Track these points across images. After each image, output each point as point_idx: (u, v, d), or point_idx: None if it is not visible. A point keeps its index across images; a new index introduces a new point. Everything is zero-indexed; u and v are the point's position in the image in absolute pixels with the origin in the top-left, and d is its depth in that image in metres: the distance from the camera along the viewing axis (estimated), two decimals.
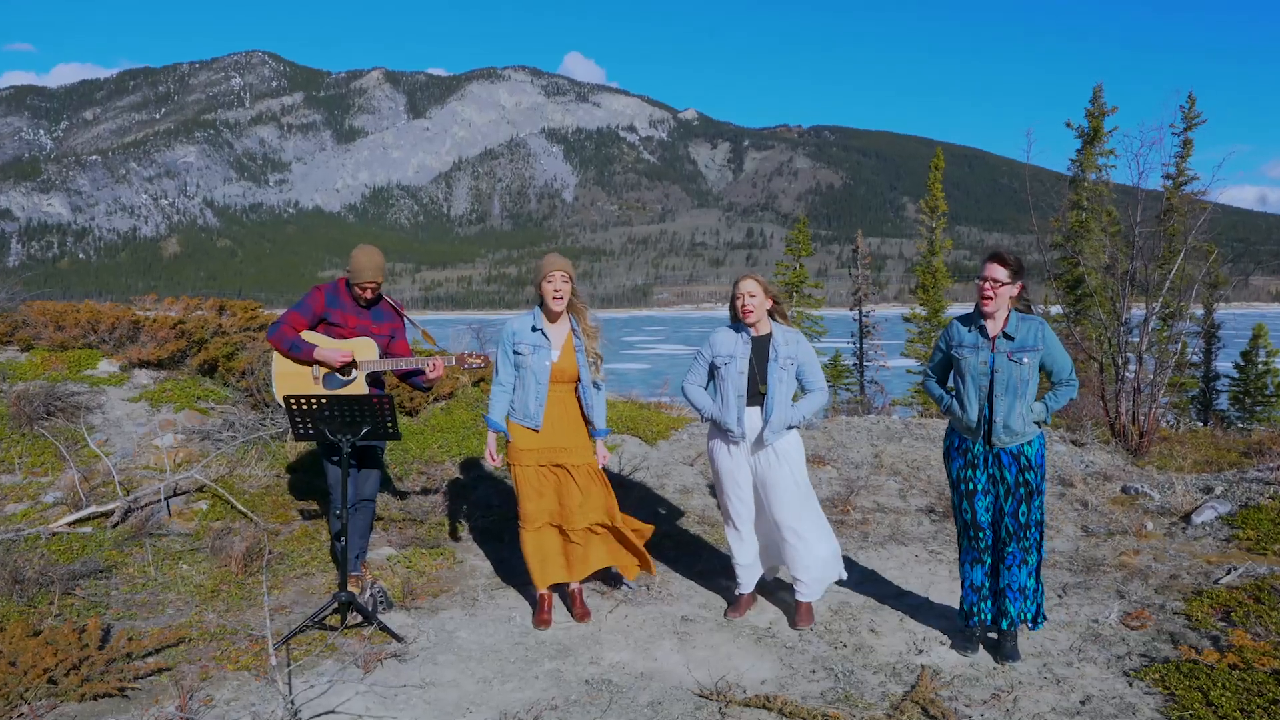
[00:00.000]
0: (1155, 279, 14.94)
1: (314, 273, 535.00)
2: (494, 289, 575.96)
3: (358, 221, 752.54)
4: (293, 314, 8.17)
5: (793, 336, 7.68)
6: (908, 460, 12.76)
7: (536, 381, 7.59)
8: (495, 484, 11.24)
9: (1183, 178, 36.50)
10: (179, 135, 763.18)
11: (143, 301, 15.56)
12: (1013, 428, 6.82)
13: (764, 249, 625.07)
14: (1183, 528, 10.18)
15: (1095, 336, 18.14)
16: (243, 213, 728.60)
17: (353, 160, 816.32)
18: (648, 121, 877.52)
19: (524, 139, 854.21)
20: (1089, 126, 37.35)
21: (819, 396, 7.75)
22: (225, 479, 10.35)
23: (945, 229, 45.29)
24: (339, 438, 7.13)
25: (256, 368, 12.24)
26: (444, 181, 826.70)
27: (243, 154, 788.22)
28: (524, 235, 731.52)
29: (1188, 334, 31.93)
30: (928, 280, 44.08)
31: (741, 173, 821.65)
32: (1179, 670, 6.54)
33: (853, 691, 6.48)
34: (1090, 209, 36.02)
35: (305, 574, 8.70)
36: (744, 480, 7.77)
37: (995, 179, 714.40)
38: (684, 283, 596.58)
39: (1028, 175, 17.25)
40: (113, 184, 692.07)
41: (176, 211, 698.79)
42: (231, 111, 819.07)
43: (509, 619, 7.84)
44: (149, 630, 7.17)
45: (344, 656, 6.92)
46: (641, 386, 23.54)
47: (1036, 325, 6.85)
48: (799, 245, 47.26)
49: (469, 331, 20.40)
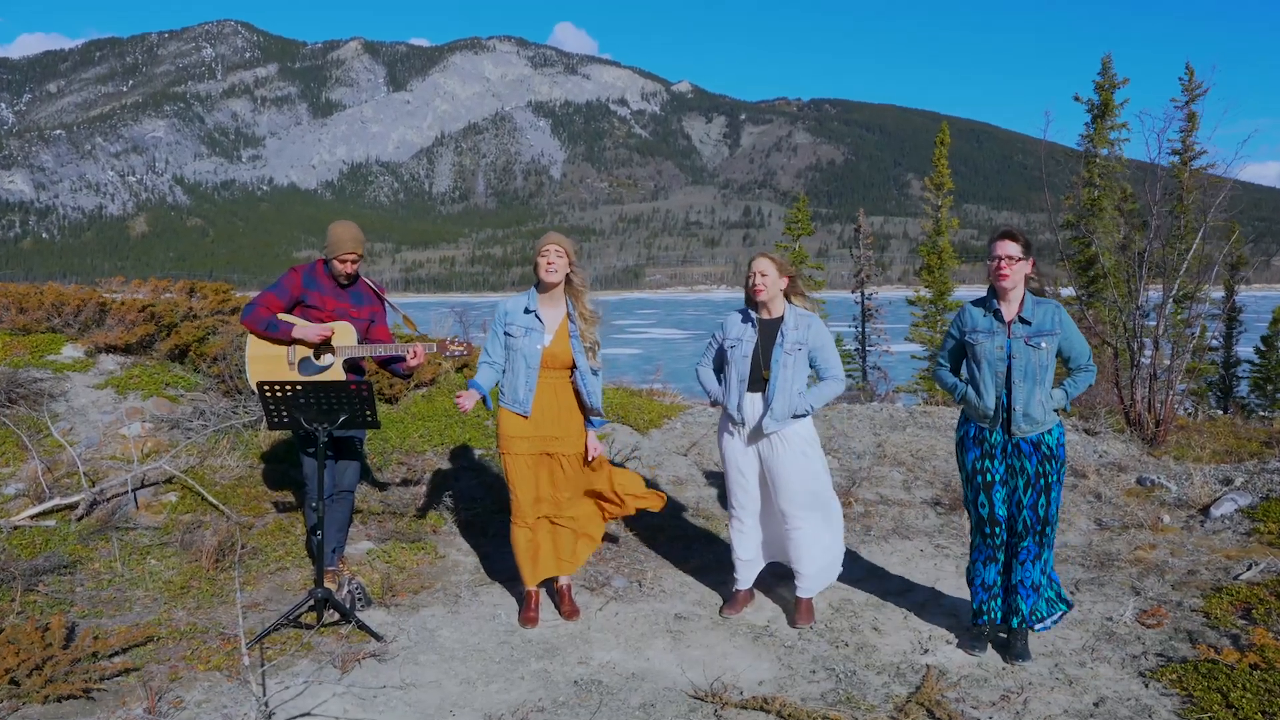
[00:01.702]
0: (1172, 259, 14.92)
1: (289, 253, 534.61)
2: (478, 270, 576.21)
3: (335, 199, 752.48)
4: (268, 295, 8.12)
5: (805, 320, 7.63)
6: (912, 450, 12.75)
7: (527, 366, 7.54)
8: (479, 475, 11.23)
9: (1190, 153, 36.46)
10: (147, 109, 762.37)
11: (109, 283, 15.54)
12: (1033, 415, 6.80)
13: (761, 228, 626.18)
14: (1201, 521, 10.17)
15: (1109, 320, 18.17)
16: (214, 190, 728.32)
17: (330, 135, 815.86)
18: (639, 94, 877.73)
19: (510, 113, 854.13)
20: (1099, 100, 37.33)
21: (833, 384, 7.68)
22: (196, 470, 10.31)
23: (952, 207, 45.30)
24: (315, 426, 7.10)
25: (229, 353, 12.20)
26: (425, 157, 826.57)
27: (214, 128, 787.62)
28: (509, 214, 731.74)
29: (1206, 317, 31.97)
30: (933, 261, 44.06)
31: (738, 148, 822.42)
32: (1197, 671, 6.52)
33: (855, 693, 6.47)
34: (1103, 186, 36.04)
35: (280, 569, 8.67)
36: (749, 469, 7.76)
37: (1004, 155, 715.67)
38: (677, 264, 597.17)
39: (1044, 152, 17.23)
40: (78, 160, 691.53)
41: (145, 189, 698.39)
42: (202, 84, 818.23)
43: (494, 617, 7.82)
44: (115, 629, 7.14)
45: (320, 656, 6.90)
46: (633, 373, 23.53)
47: (1053, 309, 6.82)
48: (798, 224, 47.24)
49: (452, 315, 20.38)
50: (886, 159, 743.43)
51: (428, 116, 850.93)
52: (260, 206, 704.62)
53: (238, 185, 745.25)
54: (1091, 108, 37.52)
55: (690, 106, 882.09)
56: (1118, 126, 37.08)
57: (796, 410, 7.50)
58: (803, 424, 7.63)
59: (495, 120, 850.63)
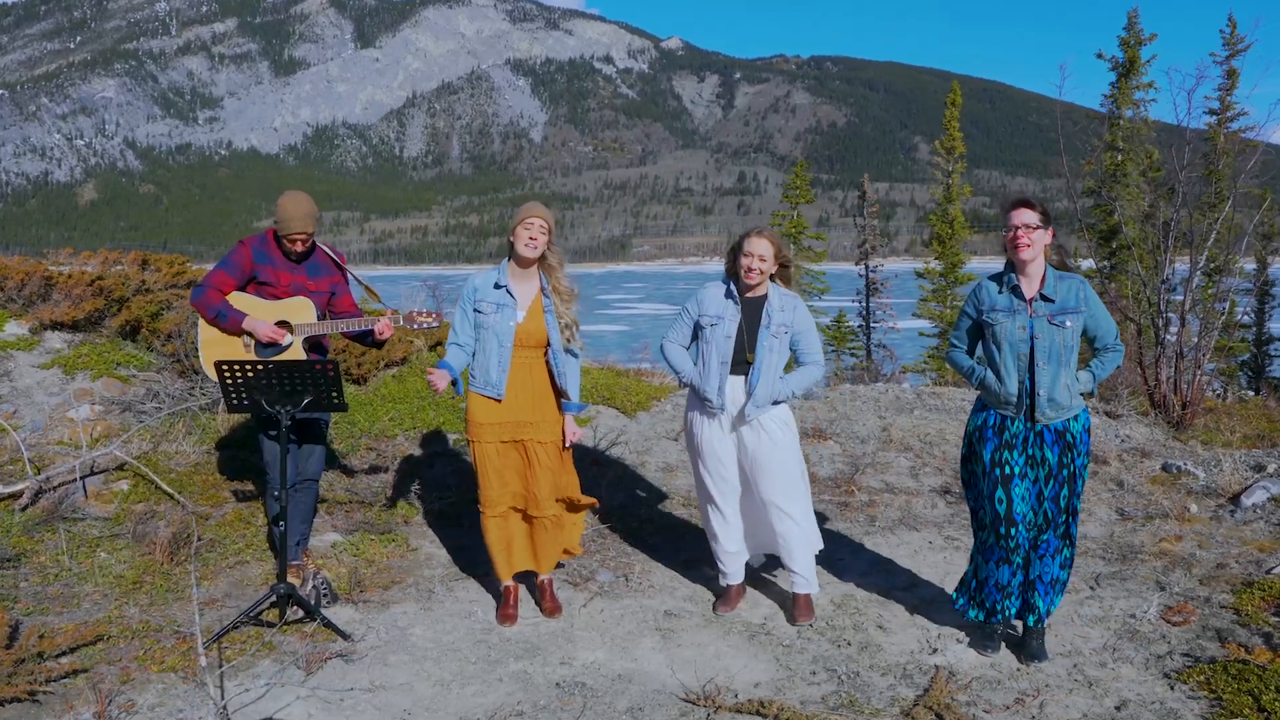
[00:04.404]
0: (1201, 229, 14.89)
1: (249, 222, 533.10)
2: (452, 240, 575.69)
3: (299, 164, 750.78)
4: (218, 273, 8.06)
5: (789, 302, 7.64)
6: (920, 434, 12.75)
7: (499, 345, 7.51)
8: (454, 461, 11.22)
9: (1229, 113, 36.43)
10: (96, 67, 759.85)
11: (56, 255, 15.48)
12: (1058, 400, 6.77)
13: (757, 195, 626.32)
14: (1231, 511, 10.16)
15: (1132, 294, 18.16)
16: (168, 155, 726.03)
17: (293, 95, 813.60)
18: (626, 51, 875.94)
19: (486, 71, 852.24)
20: (1124, 57, 37.28)
21: (813, 370, 7.78)
22: (149, 456, 10.30)
23: (963, 173, 45.23)
24: (277, 409, 7.08)
25: (184, 330, 12.19)
26: (396, 119, 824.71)
27: (168, 88, 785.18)
28: (486, 180, 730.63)
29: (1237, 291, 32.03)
30: (943, 230, 44.03)
31: (732, 109, 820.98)
32: (1226, 671, 6.53)
33: (858, 695, 6.47)
34: (1127, 150, 36.00)
35: (239, 563, 8.66)
36: (727, 455, 7.75)
37: (1019, 116, 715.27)
38: (667, 234, 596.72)
39: (1060, 113, 17.17)
40: (21, 122, 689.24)
41: (94, 153, 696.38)
42: (155, 40, 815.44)
43: (469, 614, 7.82)
44: (63, 627, 7.13)
45: (283, 656, 6.90)
46: (619, 351, 23.49)
47: (1077, 284, 6.78)
48: (797, 191, 47.26)
49: (424, 289, 20.32)
50: (892, 121, 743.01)
51: (398, 75, 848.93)
52: (218, 172, 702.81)
53: (194, 149, 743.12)
54: (1115, 65, 37.46)
55: (681, 64, 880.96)
56: (1144, 86, 37.04)
57: (778, 396, 7.53)
58: (782, 409, 7.68)
59: (471, 79, 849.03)
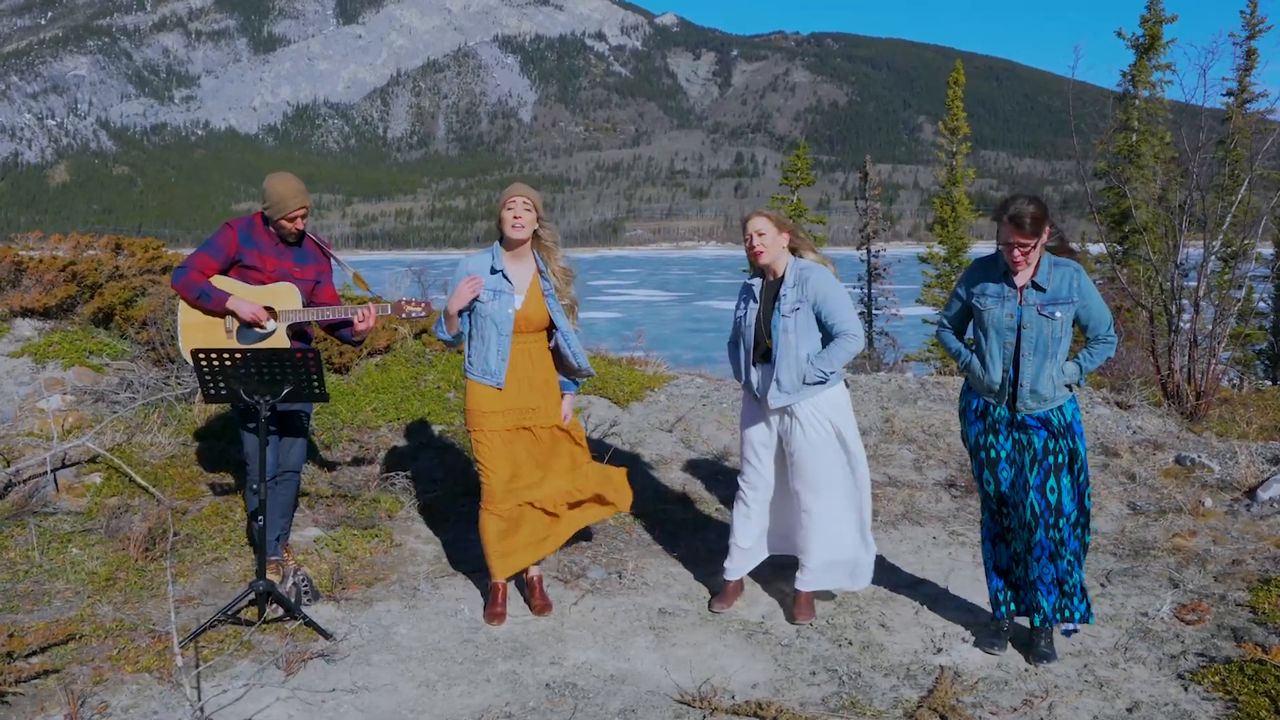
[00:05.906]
0: (1216, 212, 14.88)
1: (227, 205, 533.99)
2: (438, 224, 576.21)
3: (278, 145, 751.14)
4: (201, 256, 8.04)
5: (804, 274, 7.51)
6: (924, 425, 12.76)
7: (498, 332, 7.47)
8: (440, 453, 11.21)
9: (1246, 94, 36.47)
10: (68, 44, 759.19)
11: (25, 239, 15.44)
12: (1040, 392, 6.77)
13: (755, 177, 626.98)
14: (1247, 505, 10.16)
15: (1145, 280, 18.14)
16: (143, 135, 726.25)
17: (272, 74, 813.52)
18: (619, 28, 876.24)
19: (473, 48, 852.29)
20: (1144, 35, 37.29)
21: (846, 341, 7.44)
22: (122, 448, 10.28)
23: (968, 155, 45.30)
24: (256, 399, 7.06)
25: (160, 317, 12.15)
26: (379, 99, 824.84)
27: (143, 66, 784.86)
28: (473, 162, 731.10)
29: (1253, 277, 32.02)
30: (947, 214, 44.05)
31: (729, 88, 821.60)
32: (1242, 672, 6.52)
33: (860, 697, 6.46)
34: (1142, 131, 36.01)
35: (217, 559, 8.64)
36: (763, 446, 7.74)
37: (1027, 95, 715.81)
38: (661, 217, 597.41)
39: (1072, 92, 17.15)
40: None
41: (65, 133, 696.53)
42: (129, 16, 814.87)
43: (456, 612, 7.80)
44: (33, 625, 7.12)
45: (262, 656, 6.88)
46: (612, 339, 23.43)
47: (1071, 273, 6.74)
48: (797, 173, 47.19)
49: (409, 275, 20.28)
50: (895, 100, 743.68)
51: (382, 53, 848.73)
52: (195, 153, 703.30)
53: (169, 129, 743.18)
54: (1135, 43, 37.48)
55: (676, 41, 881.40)
56: (1163, 67, 37.06)
57: (809, 378, 7.38)
58: (830, 395, 7.50)
59: (457, 57, 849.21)
